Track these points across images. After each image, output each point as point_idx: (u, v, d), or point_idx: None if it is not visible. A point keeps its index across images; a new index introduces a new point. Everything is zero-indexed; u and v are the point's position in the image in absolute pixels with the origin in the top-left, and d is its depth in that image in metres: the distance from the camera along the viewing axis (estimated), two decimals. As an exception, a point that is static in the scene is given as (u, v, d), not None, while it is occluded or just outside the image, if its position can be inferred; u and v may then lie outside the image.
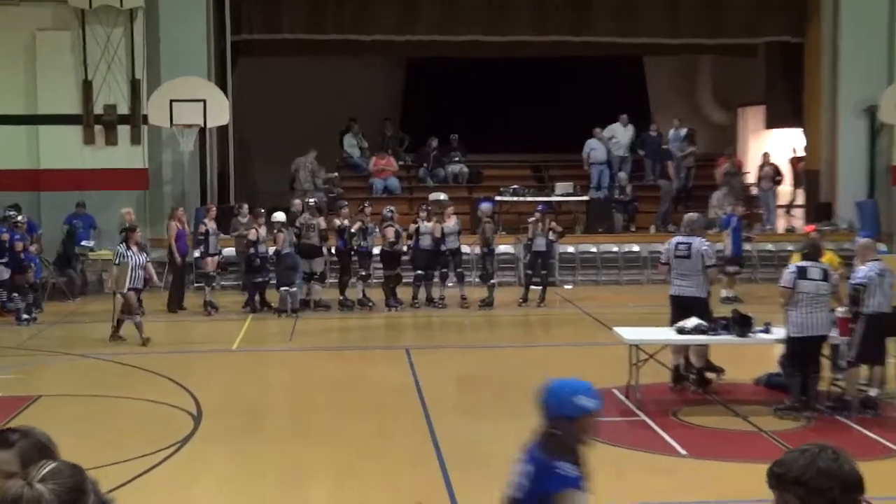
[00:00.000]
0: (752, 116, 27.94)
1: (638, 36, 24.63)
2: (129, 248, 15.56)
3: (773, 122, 27.17)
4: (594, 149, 24.33)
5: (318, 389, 12.89)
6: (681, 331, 11.55)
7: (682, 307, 11.87)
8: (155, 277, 16.36)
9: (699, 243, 11.98)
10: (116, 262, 15.58)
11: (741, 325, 11.52)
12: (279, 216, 18.29)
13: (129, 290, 15.27)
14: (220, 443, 10.49)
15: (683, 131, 24.61)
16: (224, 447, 10.38)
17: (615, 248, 22.40)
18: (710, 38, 24.93)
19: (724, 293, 17.90)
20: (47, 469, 3.14)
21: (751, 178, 24.74)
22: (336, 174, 23.89)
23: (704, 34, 24.78)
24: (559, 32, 24.36)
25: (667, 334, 11.82)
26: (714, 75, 28.98)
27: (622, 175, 24.09)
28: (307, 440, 10.57)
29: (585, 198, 23.79)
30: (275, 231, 18.20)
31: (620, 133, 24.82)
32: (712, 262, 12.19)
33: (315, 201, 19.40)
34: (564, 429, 4.50)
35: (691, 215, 12.85)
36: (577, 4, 24.28)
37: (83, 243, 20.31)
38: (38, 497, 3.03)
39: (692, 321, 11.50)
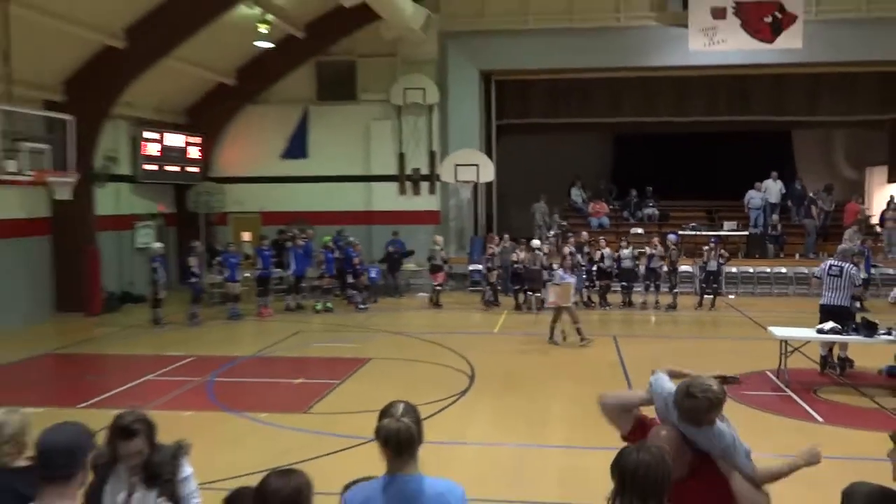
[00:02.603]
0: (878, 174, 25.80)
1: (787, 115, 23.50)
2: (565, 270, 14.37)
3: (894, 178, 25.04)
4: (752, 197, 23.36)
5: (554, 363, 12.99)
6: (820, 331, 11.00)
7: (830, 314, 11.30)
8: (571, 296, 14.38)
9: (849, 267, 11.47)
10: (557, 282, 14.18)
11: (868, 328, 10.86)
12: (536, 243, 18.60)
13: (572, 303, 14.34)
14: (486, 396, 10.74)
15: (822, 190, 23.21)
16: (489, 399, 10.60)
17: (768, 270, 21.42)
18: (845, 116, 23.44)
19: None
20: (401, 408, 3.16)
21: (874, 219, 23.00)
22: (566, 222, 23.65)
23: (841, 112, 23.31)
24: (728, 112, 23.63)
25: (809, 333, 11.28)
26: (847, 143, 27.01)
27: (774, 217, 23.03)
28: (548, 398, 10.63)
29: (746, 233, 22.98)
30: (526, 252, 18.33)
31: (772, 186, 23.70)
32: (858, 283, 11.62)
33: (549, 240, 19.59)
34: None
35: (846, 246, 12.35)
36: (740, 93, 23.46)
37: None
38: (409, 427, 3.10)
39: (829, 324, 10.96)
